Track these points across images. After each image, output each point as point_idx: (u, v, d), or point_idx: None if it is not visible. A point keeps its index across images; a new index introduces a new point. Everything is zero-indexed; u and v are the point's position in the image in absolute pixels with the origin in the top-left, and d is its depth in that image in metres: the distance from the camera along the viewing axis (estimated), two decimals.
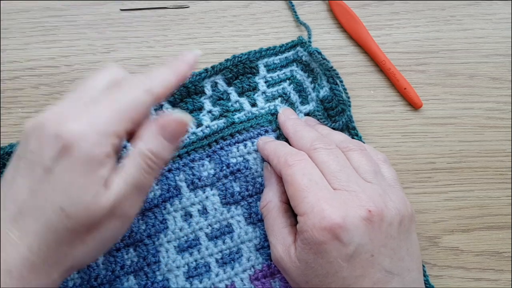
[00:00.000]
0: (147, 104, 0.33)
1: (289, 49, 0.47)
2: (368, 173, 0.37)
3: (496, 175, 0.47)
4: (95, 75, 0.34)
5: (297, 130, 0.41)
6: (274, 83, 0.47)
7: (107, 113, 0.31)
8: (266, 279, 0.42)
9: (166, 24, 0.50)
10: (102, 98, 0.32)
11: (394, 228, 0.35)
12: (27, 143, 0.31)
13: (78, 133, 0.30)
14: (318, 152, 0.37)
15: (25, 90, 0.47)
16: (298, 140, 0.40)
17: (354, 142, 0.40)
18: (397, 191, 0.38)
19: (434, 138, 0.47)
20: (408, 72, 0.49)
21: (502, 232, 0.46)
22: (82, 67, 0.48)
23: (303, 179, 0.35)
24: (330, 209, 0.33)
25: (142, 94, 0.32)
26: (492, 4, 0.51)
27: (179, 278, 0.42)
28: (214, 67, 0.46)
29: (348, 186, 0.35)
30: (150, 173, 0.33)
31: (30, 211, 0.30)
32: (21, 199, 0.30)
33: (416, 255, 0.37)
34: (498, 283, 0.44)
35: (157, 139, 0.33)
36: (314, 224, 0.33)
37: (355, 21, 0.49)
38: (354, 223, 0.33)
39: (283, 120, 0.43)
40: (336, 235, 0.33)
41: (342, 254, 0.33)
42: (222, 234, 0.43)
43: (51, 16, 0.49)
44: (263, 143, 0.42)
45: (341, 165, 0.36)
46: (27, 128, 0.32)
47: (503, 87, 0.49)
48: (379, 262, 0.34)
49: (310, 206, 0.34)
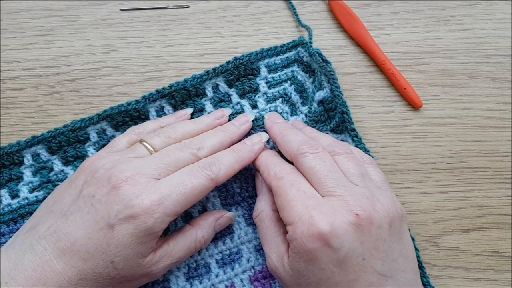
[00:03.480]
0: (208, 190, 0.38)
1: (290, 49, 0.47)
2: (355, 176, 0.37)
3: (496, 175, 0.47)
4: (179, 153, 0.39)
5: (284, 134, 0.41)
6: (275, 84, 0.47)
7: (175, 196, 0.35)
8: (266, 280, 0.42)
9: (166, 24, 0.50)
10: (173, 177, 0.37)
11: (384, 230, 0.35)
12: (96, 187, 0.36)
13: (147, 209, 0.34)
14: (305, 157, 0.37)
15: (25, 90, 0.47)
16: (286, 145, 0.40)
17: (340, 146, 0.40)
18: (386, 193, 0.37)
19: (434, 138, 0.47)
20: (408, 72, 0.49)
21: (502, 232, 0.46)
22: (82, 67, 0.48)
23: (291, 190, 0.36)
24: (318, 216, 0.34)
25: (207, 182, 0.37)
26: (492, 4, 0.51)
27: (179, 279, 0.42)
28: (215, 69, 0.46)
29: (335, 191, 0.35)
30: (193, 253, 0.40)
31: (81, 252, 0.34)
32: (75, 236, 0.35)
33: (410, 255, 0.36)
34: (498, 283, 0.44)
35: (210, 229, 0.41)
36: (302, 232, 0.34)
37: (355, 21, 0.49)
38: (343, 228, 0.33)
39: (269, 125, 0.43)
40: (326, 241, 0.33)
41: (333, 259, 0.33)
42: (222, 235, 0.43)
43: (51, 16, 0.49)
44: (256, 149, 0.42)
45: (328, 170, 0.36)
46: (99, 171, 0.37)
47: (503, 87, 0.49)
48: (371, 265, 0.34)
49: (298, 214, 0.34)
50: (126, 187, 0.35)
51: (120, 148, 0.40)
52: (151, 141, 0.40)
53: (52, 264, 0.34)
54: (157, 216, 0.34)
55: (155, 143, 0.40)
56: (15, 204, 0.43)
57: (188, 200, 0.36)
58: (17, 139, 0.45)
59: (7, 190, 0.44)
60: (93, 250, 0.34)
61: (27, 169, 0.44)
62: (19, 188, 0.44)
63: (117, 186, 0.35)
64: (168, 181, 0.36)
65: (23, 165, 0.44)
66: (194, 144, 0.40)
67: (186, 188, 0.36)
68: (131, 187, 0.35)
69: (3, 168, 0.44)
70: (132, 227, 0.34)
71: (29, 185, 0.44)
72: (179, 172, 0.37)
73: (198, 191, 0.36)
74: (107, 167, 0.37)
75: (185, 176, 0.37)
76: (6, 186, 0.44)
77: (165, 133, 0.41)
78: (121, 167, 0.36)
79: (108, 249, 0.34)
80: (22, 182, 0.44)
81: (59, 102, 0.47)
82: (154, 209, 0.34)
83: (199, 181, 0.37)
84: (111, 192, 0.35)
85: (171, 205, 0.35)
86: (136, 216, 0.34)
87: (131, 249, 0.35)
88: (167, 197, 0.35)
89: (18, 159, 0.44)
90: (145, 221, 0.34)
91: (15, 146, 0.44)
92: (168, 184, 0.36)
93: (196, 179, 0.37)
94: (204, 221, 0.41)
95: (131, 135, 0.42)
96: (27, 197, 0.43)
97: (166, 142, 0.40)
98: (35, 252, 0.34)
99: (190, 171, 0.37)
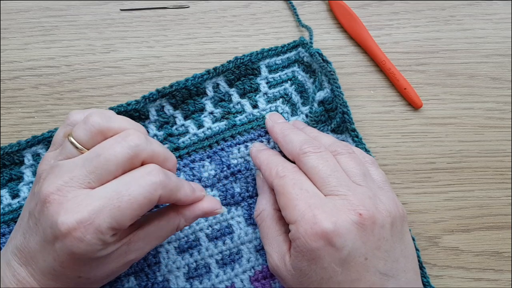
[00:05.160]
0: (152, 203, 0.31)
1: (291, 50, 0.47)
2: (358, 176, 0.37)
3: (496, 175, 0.47)
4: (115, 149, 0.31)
5: (285, 134, 0.40)
6: (275, 84, 0.47)
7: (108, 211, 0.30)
8: (266, 280, 0.42)
9: (166, 24, 0.50)
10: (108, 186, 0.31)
11: (387, 230, 0.35)
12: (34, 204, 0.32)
13: (73, 230, 0.29)
14: (308, 156, 0.37)
15: (25, 90, 0.47)
16: (287, 144, 0.39)
17: (342, 145, 0.39)
18: (387, 193, 0.37)
19: (434, 138, 0.47)
20: (408, 72, 0.49)
21: (502, 232, 0.46)
22: (82, 67, 0.48)
23: (294, 189, 0.35)
24: (321, 214, 0.33)
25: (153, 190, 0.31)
26: (492, 4, 0.51)
27: (179, 279, 0.42)
28: (216, 69, 0.46)
29: (338, 190, 0.35)
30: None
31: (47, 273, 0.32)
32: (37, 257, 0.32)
33: (411, 256, 0.37)
34: (498, 283, 0.44)
35: (194, 220, 0.37)
36: (306, 230, 0.33)
37: (355, 21, 0.49)
38: (346, 227, 0.33)
39: (270, 125, 0.43)
40: (329, 240, 0.33)
41: (336, 259, 0.33)
42: (222, 235, 0.43)
43: (51, 16, 0.49)
44: (256, 151, 0.42)
45: (331, 169, 0.36)
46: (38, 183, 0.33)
47: (503, 87, 0.49)
48: (373, 265, 0.34)
49: (301, 213, 0.34)
50: (51, 204, 0.30)
51: (59, 144, 0.35)
52: (76, 134, 0.33)
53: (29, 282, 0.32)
54: (89, 238, 0.29)
55: (80, 136, 0.33)
56: (16, 204, 0.43)
57: (128, 215, 0.30)
58: (17, 139, 0.45)
59: (8, 190, 0.44)
60: (56, 271, 0.31)
61: (27, 169, 0.44)
62: (19, 188, 0.44)
63: (45, 201, 0.30)
64: (102, 191, 0.30)
65: (24, 165, 0.44)
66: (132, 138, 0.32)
67: (122, 201, 0.30)
68: (56, 205, 0.30)
69: (4, 168, 0.44)
70: (66, 248, 0.30)
71: (29, 185, 0.44)
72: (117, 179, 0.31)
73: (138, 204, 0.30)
74: (43, 176, 0.32)
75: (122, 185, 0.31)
76: (7, 186, 0.44)
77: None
78: (49, 177, 0.31)
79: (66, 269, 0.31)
80: (22, 182, 0.44)
81: (59, 102, 0.47)
82: (82, 230, 0.29)
83: (139, 191, 0.30)
84: (42, 210, 0.31)
85: (104, 224, 0.29)
86: (61, 237, 0.29)
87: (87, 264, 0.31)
88: (99, 213, 0.29)
89: (18, 159, 0.44)
90: (73, 244, 0.29)
91: (16, 146, 0.44)
92: (101, 196, 0.30)
93: (137, 188, 0.30)
94: (191, 213, 0.36)
95: (66, 126, 0.35)
96: (27, 197, 0.43)
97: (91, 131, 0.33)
98: (13, 268, 0.33)
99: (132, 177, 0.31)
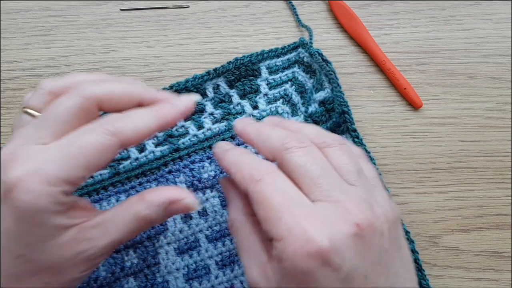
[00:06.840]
0: (112, 150, 0.29)
1: (291, 51, 0.47)
2: (351, 173, 0.31)
3: (496, 175, 0.47)
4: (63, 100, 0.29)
5: (260, 132, 0.33)
6: (276, 85, 0.47)
7: (59, 160, 0.27)
8: None
9: (166, 24, 0.50)
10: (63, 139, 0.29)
11: (385, 238, 0.29)
12: None
13: (20, 180, 0.27)
14: (292, 152, 0.30)
15: (25, 90, 0.47)
16: (265, 142, 0.32)
17: (331, 136, 0.33)
18: (381, 192, 0.32)
19: (434, 138, 0.47)
20: (408, 72, 0.49)
21: (502, 232, 0.46)
22: (82, 67, 0.48)
23: (275, 196, 0.28)
24: (313, 229, 0.27)
25: (106, 139, 0.29)
26: (492, 4, 0.51)
27: (179, 280, 0.42)
28: (216, 70, 0.46)
29: (330, 195, 0.29)
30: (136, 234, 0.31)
31: None
32: None
33: (408, 264, 0.32)
34: (498, 283, 0.44)
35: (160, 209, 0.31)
36: (295, 250, 0.27)
37: (355, 21, 0.49)
38: (343, 243, 0.27)
39: (241, 127, 0.35)
40: (325, 260, 0.26)
41: (333, 280, 0.27)
42: (222, 236, 0.43)
43: (51, 16, 0.49)
44: (221, 152, 0.34)
45: (320, 168, 0.30)
46: None
47: (503, 87, 0.49)
48: (373, 283, 0.28)
49: (288, 228, 0.27)
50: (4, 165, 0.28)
51: None
52: (29, 102, 0.32)
53: None
54: (37, 189, 0.27)
55: (33, 104, 0.31)
56: None
57: (80, 163, 0.28)
58: None
59: None
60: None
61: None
62: None
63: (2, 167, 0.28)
64: (55, 144, 0.28)
65: None
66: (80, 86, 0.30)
67: (73, 147, 0.28)
68: (7, 163, 0.28)
69: None
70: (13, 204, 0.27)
71: None
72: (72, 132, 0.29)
73: (91, 150, 0.28)
74: None
75: (76, 135, 0.29)
76: None
77: None
78: (7, 145, 0.29)
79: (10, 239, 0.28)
80: None
81: None
82: (30, 179, 0.27)
83: (94, 138, 0.28)
84: None
85: (54, 172, 0.27)
86: (9, 192, 0.27)
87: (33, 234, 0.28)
88: (48, 163, 0.27)
89: None
90: (20, 196, 0.27)
91: None
92: (53, 148, 0.28)
93: (90, 136, 0.28)
94: (154, 198, 0.31)
95: None
96: None
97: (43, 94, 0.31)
98: None
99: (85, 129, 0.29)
